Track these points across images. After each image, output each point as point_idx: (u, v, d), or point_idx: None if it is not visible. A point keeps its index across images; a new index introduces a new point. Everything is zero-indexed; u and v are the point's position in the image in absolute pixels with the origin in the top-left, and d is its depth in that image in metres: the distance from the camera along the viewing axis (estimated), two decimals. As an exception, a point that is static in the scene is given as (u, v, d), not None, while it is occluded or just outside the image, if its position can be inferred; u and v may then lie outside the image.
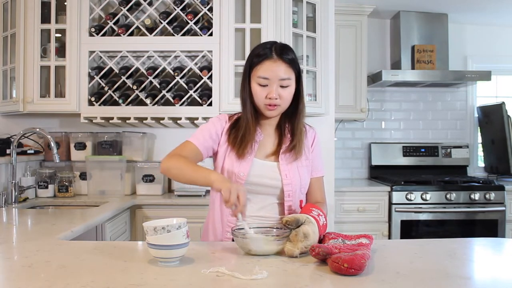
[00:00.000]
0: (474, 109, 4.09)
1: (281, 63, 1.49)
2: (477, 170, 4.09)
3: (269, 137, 1.60)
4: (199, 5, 2.83)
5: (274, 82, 1.48)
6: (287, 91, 1.51)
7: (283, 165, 1.55)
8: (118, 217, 2.41)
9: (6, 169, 2.55)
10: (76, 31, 2.77)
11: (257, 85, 1.50)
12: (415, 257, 1.27)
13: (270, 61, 1.49)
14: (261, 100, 1.50)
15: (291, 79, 1.51)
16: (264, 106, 1.51)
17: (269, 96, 1.48)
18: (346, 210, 3.30)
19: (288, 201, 1.55)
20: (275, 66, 1.48)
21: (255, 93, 1.51)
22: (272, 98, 1.48)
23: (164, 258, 1.17)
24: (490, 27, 4.08)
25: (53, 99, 2.79)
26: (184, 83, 2.80)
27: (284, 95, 1.50)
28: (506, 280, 1.11)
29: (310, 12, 3.04)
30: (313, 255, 1.15)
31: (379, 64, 3.99)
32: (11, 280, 1.08)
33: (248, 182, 1.53)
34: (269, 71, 1.48)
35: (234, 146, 1.54)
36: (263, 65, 1.49)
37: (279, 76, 1.48)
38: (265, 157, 1.58)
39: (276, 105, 1.50)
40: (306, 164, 1.61)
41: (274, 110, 1.52)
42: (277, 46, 1.52)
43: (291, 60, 1.51)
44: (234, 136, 1.56)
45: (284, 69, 1.49)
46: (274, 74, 1.48)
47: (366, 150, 4.03)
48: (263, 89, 1.49)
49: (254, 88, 1.51)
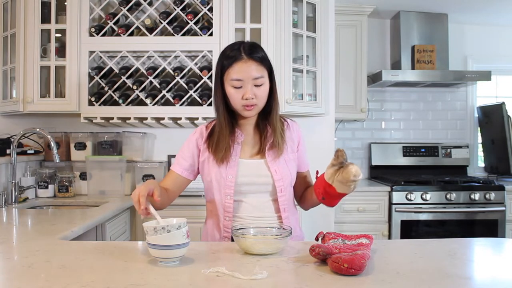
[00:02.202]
0: (474, 109, 4.09)
1: (252, 62, 1.48)
2: (477, 170, 4.09)
3: (250, 137, 1.60)
4: (199, 5, 2.83)
5: (248, 83, 1.48)
6: (261, 90, 1.50)
7: (271, 161, 1.56)
8: (118, 217, 2.42)
9: (6, 169, 2.55)
10: (76, 31, 2.77)
11: (232, 88, 1.50)
12: (415, 257, 1.27)
13: (241, 62, 1.48)
14: (237, 102, 1.50)
15: (264, 77, 1.51)
16: (241, 108, 1.51)
17: (245, 96, 1.48)
18: (346, 210, 3.30)
19: (281, 196, 1.56)
20: (246, 66, 1.48)
21: (230, 96, 1.51)
22: (249, 99, 1.48)
23: (164, 258, 1.17)
24: (490, 27, 4.08)
25: (53, 99, 2.79)
26: (184, 83, 2.80)
27: (259, 94, 1.50)
28: (506, 280, 1.11)
29: (310, 12, 3.04)
30: (313, 255, 1.15)
31: (379, 64, 3.99)
32: (11, 280, 1.08)
33: (238, 184, 1.53)
34: (241, 72, 1.48)
35: (212, 152, 1.56)
36: (235, 67, 1.48)
37: (252, 76, 1.48)
38: (250, 157, 1.58)
39: (253, 105, 1.50)
40: (293, 158, 1.61)
41: (252, 110, 1.52)
42: (245, 46, 1.51)
43: (261, 58, 1.51)
44: (210, 143, 1.57)
45: (256, 68, 1.49)
46: (247, 74, 1.47)
47: (366, 150, 4.03)
48: (238, 91, 1.49)
49: (229, 91, 1.50)
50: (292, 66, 2.88)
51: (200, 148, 1.61)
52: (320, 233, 1.34)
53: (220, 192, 1.55)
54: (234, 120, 1.58)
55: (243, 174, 1.54)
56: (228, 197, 1.54)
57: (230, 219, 1.55)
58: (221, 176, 1.54)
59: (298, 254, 1.29)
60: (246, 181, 1.54)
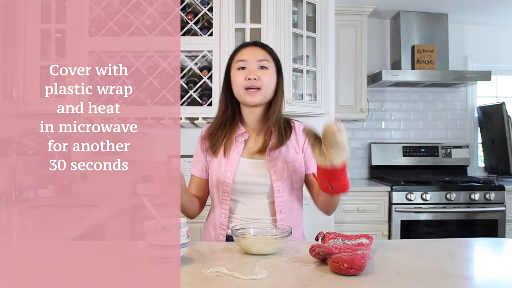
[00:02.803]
0: (474, 109, 4.09)
1: (258, 48, 1.52)
2: (477, 170, 4.09)
3: (254, 136, 1.59)
4: (199, 5, 2.83)
5: (253, 63, 1.48)
6: (266, 73, 1.50)
7: (271, 161, 1.53)
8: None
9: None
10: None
11: (236, 71, 1.50)
12: (415, 257, 1.27)
13: (248, 47, 1.53)
14: (240, 83, 1.49)
15: (270, 62, 1.52)
16: (244, 92, 1.49)
17: (247, 76, 1.47)
18: (346, 210, 3.30)
19: (279, 197, 1.53)
20: (252, 49, 1.52)
21: (235, 80, 1.50)
22: (251, 79, 1.46)
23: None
24: (490, 27, 4.08)
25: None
26: (184, 83, 2.80)
27: (263, 77, 1.49)
28: (506, 280, 1.11)
29: (310, 12, 3.04)
30: (313, 255, 1.15)
31: (379, 64, 3.99)
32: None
33: (236, 182, 1.53)
34: (246, 54, 1.50)
35: (209, 145, 1.57)
36: (242, 51, 1.52)
37: (257, 57, 1.49)
38: (251, 156, 1.57)
39: (256, 88, 1.48)
40: (297, 159, 1.56)
41: (255, 95, 1.49)
42: (257, 41, 1.58)
43: (270, 49, 1.54)
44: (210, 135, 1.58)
45: (263, 53, 1.51)
46: (252, 54, 1.49)
47: (366, 150, 4.03)
48: (242, 72, 1.49)
49: (233, 75, 1.50)
50: (292, 66, 2.88)
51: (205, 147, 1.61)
52: (320, 233, 1.34)
53: (218, 189, 1.55)
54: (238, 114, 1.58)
55: (241, 173, 1.53)
56: (225, 194, 1.54)
57: (226, 216, 1.54)
58: (220, 172, 1.53)
59: (298, 254, 1.29)
60: (244, 180, 1.53)
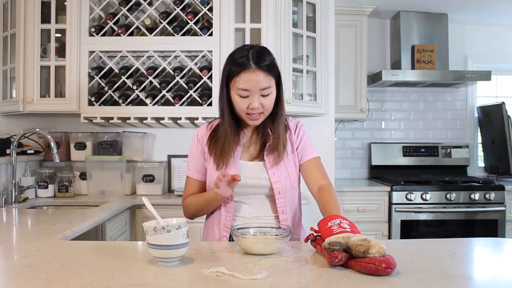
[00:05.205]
0: (474, 109, 4.09)
1: (260, 72, 1.45)
2: (477, 170, 4.09)
3: (252, 139, 1.61)
4: (199, 5, 2.83)
5: (255, 93, 1.46)
6: (268, 99, 1.49)
7: (269, 164, 1.55)
8: (118, 217, 2.41)
9: (6, 169, 2.55)
10: (76, 31, 2.77)
11: (238, 97, 1.48)
12: (415, 257, 1.27)
13: (249, 72, 1.44)
14: (243, 111, 1.49)
15: (272, 87, 1.49)
16: (246, 116, 1.50)
17: (251, 107, 1.47)
18: (346, 210, 3.30)
19: (279, 198, 1.56)
20: (254, 76, 1.44)
21: (236, 104, 1.49)
22: (255, 108, 1.47)
23: (164, 258, 1.17)
24: (490, 27, 4.08)
25: (53, 99, 2.79)
26: (184, 83, 2.80)
27: (266, 103, 1.49)
28: (506, 280, 1.11)
29: (310, 12, 3.04)
30: (335, 262, 1.11)
31: (379, 64, 3.99)
32: (11, 280, 1.08)
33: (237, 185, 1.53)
34: (249, 82, 1.45)
35: (215, 157, 1.56)
36: (242, 77, 1.45)
37: (259, 87, 1.45)
38: (250, 159, 1.59)
39: (259, 114, 1.50)
40: (293, 158, 1.60)
41: (257, 120, 1.51)
42: (254, 52, 1.47)
43: (270, 66, 1.47)
44: (214, 147, 1.57)
45: (264, 78, 1.46)
46: (254, 85, 1.45)
47: (366, 150, 4.03)
48: (244, 100, 1.47)
49: (235, 99, 1.49)
50: (292, 66, 2.88)
51: (205, 153, 1.61)
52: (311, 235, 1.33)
53: None
54: (238, 124, 1.57)
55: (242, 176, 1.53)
56: (229, 197, 1.55)
57: (230, 219, 1.56)
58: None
59: (298, 254, 1.29)
60: (244, 183, 1.53)
